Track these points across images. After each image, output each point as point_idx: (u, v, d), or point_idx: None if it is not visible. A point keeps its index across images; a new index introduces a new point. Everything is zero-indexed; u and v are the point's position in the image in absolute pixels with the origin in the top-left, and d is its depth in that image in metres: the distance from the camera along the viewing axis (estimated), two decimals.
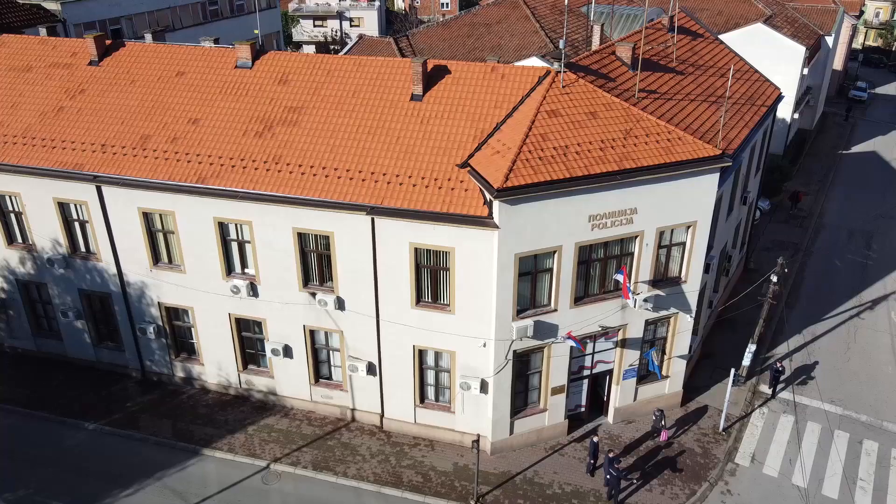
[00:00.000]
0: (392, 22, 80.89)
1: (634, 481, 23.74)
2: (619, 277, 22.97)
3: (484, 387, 23.72)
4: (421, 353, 24.37)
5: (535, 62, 32.99)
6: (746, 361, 28.43)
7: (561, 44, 22.93)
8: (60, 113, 26.52)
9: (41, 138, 25.91)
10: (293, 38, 74.64)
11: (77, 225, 26.15)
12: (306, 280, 24.30)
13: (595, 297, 23.62)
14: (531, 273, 22.35)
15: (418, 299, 23.35)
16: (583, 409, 26.15)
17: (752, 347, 28.12)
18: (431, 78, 24.62)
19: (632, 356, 25.26)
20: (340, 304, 24.09)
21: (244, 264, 24.91)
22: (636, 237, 23.12)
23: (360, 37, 46.02)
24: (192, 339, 27.01)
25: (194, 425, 26.08)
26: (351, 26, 75.77)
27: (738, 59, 34.04)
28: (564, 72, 23.58)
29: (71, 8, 37.96)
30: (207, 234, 24.47)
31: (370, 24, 75.03)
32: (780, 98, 33.52)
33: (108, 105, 26.34)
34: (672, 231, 23.73)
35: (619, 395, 25.99)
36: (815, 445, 25.85)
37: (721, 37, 49.11)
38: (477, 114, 23.57)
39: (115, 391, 27.75)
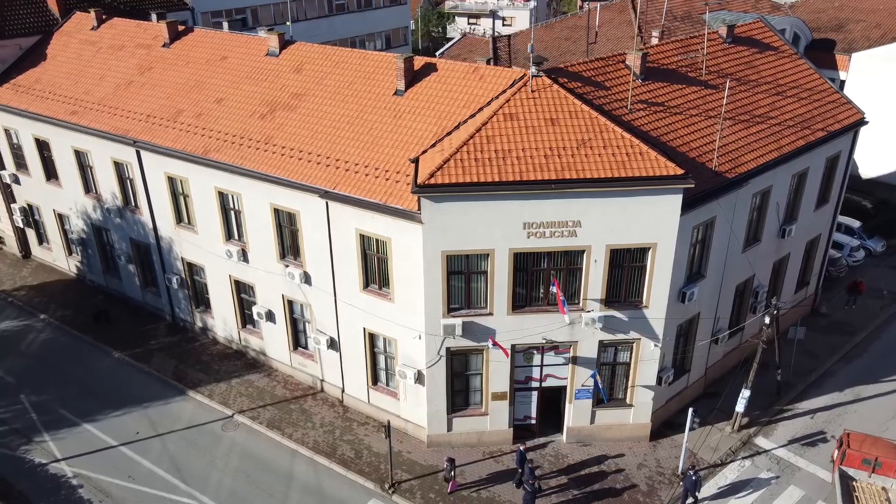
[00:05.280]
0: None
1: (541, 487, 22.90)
2: (554, 290, 22.26)
3: (420, 378, 24.24)
4: (372, 337, 25.42)
5: None
6: (740, 408, 25.83)
7: (529, 48, 22.57)
8: (130, 86, 31.02)
9: (110, 106, 30.56)
10: (447, 35, 77.46)
11: (128, 182, 30.50)
12: (283, 253, 26.39)
13: (538, 308, 23.05)
14: (463, 273, 22.45)
15: (366, 284, 24.44)
16: (532, 422, 25.55)
17: (745, 393, 25.48)
18: (418, 74, 25.39)
19: (585, 376, 24.24)
20: (307, 278, 25.87)
21: (240, 232, 27.57)
22: (582, 251, 22.21)
23: (464, 35, 47.20)
24: (207, 293, 30.32)
25: (192, 369, 29.40)
26: (503, 25, 76.89)
27: (815, 77, 30.52)
28: (539, 76, 23.18)
29: None
30: (211, 202, 27.44)
31: (521, 23, 75.51)
32: (860, 123, 29.61)
33: (164, 82, 30.33)
34: (628, 251, 22.42)
35: (573, 414, 25.04)
36: None
37: (865, 53, 43.77)
38: (445, 112, 23.99)
39: (148, 329, 31.99)
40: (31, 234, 37.32)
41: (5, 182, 35.94)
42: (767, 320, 24.42)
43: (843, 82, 46.02)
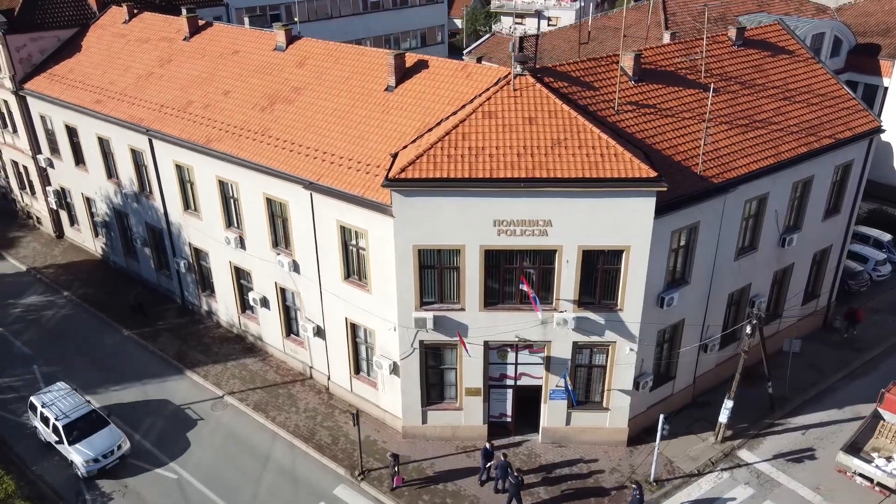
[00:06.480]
0: None
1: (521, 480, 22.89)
2: (524, 287, 22.28)
3: (395, 369, 24.64)
4: (353, 327, 25.96)
5: None
6: (723, 418, 25.27)
7: (511, 46, 22.66)
8: (150, 77, 32.48)
9: (130, 96, 32.07)
10: (493, 32, 77.51)
11: (143, 169, 31.95)
12: (275, 242, 27.21)
13: (511, 306, 23.11)
14: (435, 267, 22.72)
15: (347, 275, 25.00)
16: (508, 420, 25.60)
17: (728, 404, 24.90)
18: (409, 71, 25.78)
19: (558, 376, 24.16)
20: (296, 267, 26.61)
21: (238, 220, 28.54)
22: (554, 251, 22.16)
23: (493, 34, 47.33)
24: (212, 278, 31.47)
25: (193, 351, 30.60)
26: (548, 25, 76.38)
27: (831, 82, 29.48)
28: (523, 75, 23.23)
29: None
30: (212, 189, 28.52)
31: (567, 22, 74.82)
32: (876, 131, 28.47)
33: (180, 74, 31.63)
34: (602, 253, 22.23)
35: (548, 414, 24.98)
36: None
37: None
38: (430, 109, 24.28)
39: (158, 310, 33.43)
40: (63, 216, 39.47)
41: (41, 166, 38.12)
42: (749, 329, 23.81)
43: (885, 89, 44.11)
